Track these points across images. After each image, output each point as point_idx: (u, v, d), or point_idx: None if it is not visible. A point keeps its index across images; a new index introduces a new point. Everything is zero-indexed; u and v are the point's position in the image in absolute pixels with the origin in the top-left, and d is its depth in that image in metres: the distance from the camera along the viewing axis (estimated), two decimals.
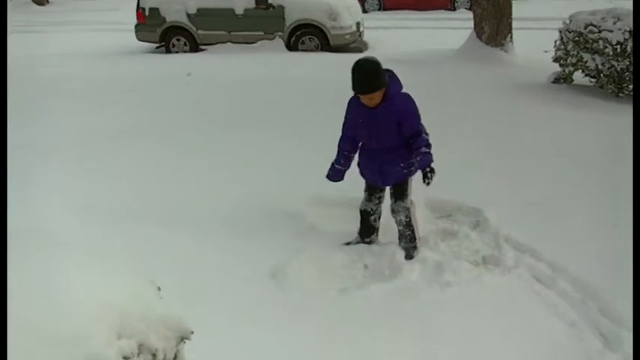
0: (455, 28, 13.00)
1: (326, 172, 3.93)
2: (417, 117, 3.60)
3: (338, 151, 3.87)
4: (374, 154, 3.73)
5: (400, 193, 3.84)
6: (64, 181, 4.95)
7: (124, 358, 1.70)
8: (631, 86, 7.19)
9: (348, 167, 3.91)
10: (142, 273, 2.15)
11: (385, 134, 3.60)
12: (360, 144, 3.82)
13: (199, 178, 5.09)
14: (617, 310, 3.19)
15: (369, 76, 3.46)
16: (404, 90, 3.60)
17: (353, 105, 3.70)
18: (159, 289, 2.10)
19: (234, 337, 2.94)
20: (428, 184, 3.62)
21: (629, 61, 6.97)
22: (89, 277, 1.93)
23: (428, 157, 3.60)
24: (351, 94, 3.65)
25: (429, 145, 3.61)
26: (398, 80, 3.56)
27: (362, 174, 3.92)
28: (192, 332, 1.97)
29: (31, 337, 1.57)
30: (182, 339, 1.95)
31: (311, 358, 2.88)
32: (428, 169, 3.59)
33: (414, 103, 3.59)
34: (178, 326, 1.93)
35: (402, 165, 3.69)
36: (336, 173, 3.90)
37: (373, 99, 3.49)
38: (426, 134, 3.62)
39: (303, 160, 5.31)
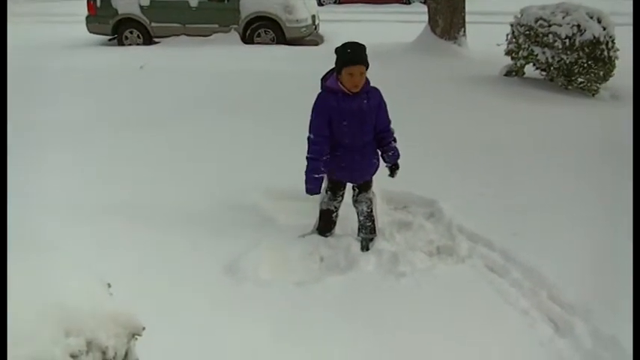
0: (409, 22, 13.13)
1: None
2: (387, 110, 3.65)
3: (315, 159, 3.53)
4: (350, 150, 3.56)
5: (366, 185, 3.85)
6: (22, 177, 4.79)
7: (72, 356, 1.65)
8: (580, 79, 7.38)
9: (325, 173, 3.70)
10: (93, 269, 2.11)
11: (367, 126, 3.53)
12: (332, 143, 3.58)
13: (156, 172, 5.01)
14: (566, 298, 3.26)
15: (362, 48, 3.38)
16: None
17: (330, 101, 3.44)
18: (109, 285, 2.06)
19: (188, 332, 2.91)
20: (393, 176, 3.78)
21: (578, 55, 7.16)
22: (37, 273, 1.88)
23: (397, 152, 3.70)
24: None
25: (395, 140, 3.69)
26: (366, 76, 3.48)
27: (332, 173, 3.73)
28: (143, 328, 1.94)
29: None
30: (133, 335, 1.92)
31: (266, 351, 2.87)
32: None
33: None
34: (129, 323, 1.89)
35: (374, 160, 3.72)
36: (318, 185, 3.63)
37: (362, 74, 3.36)
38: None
39: (259, 153, 5.30)
